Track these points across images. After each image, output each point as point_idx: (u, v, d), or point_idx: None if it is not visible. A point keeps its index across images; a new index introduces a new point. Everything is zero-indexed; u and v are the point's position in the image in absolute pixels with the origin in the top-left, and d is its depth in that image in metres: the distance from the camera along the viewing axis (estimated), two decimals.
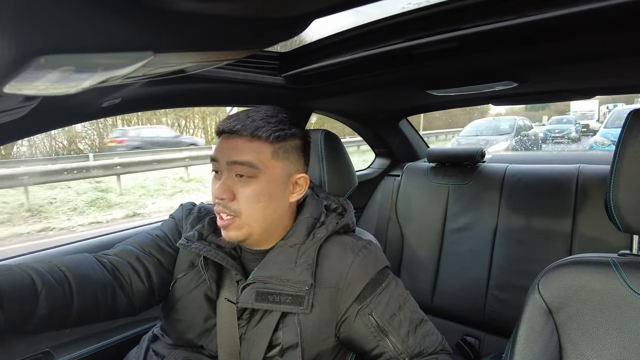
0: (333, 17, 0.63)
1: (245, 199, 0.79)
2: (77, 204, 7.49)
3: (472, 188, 1.65)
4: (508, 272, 1.48)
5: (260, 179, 0.79)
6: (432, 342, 0.84)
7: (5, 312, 0.61)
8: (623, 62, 0.97)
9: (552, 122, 17.14)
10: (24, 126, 0.76)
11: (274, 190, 0.81)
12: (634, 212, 0.67)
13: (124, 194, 8.18)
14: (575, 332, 0.69)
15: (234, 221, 0.80)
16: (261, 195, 0.79)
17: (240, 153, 0.78)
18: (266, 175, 0.79)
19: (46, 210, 7.07)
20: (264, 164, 0.79)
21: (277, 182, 0.82)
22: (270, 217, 0.82)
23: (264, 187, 0.79)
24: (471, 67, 1.08)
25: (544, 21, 0.68)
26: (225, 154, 0.80)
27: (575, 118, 16.42)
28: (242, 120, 0.80)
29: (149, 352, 0.88)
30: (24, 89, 0.39)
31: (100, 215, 7.00)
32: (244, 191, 0.79)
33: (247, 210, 0.79)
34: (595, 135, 9.87)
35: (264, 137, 0.78)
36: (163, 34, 0.37)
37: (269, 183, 0.80)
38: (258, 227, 0.81)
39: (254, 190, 0.79)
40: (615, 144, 0.69)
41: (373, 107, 1.78)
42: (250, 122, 0.79)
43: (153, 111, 6.15)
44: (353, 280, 0.81)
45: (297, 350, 0.78)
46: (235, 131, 0.79)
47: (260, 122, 0.79)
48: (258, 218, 0.80)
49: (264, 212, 0.81)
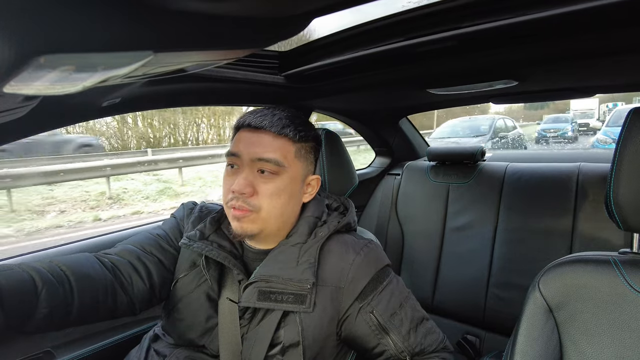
0: (333, 15, 0.63)
1: (267, 194, 0.79)
2: (149, 193, 8.09)
3: (473, 187, 1.65)
4: (508, 271, 1.48)
5: (283, 177, 0.80)
6: (433, 340, 0.84)
7: (5, 312, 0.61)
8: (623, 60, 0.97)
9: (547, 121, 16.59)
10: (23, 126, 0.76)
11: (294, 188, 0.83)
12: (634, 210, 0.67)
13: (185, 185, 8.78)
14: (576, 330, 0.69)
15: (250, 214, 0.79)
16: (283, 193, 0.81)
17: (267, 150, 0.79)
18: (289, 173, 0.81)
19: (124, 198, 7.72)
20: (289, 161, 0.81)
21: (297, 181, 0.83)
22: (286, 215, 0.84)
23: (286, 185, 0.81)
24: (471, 66, 1.08)
25: (544, 19, 0.68)
26: (250, 150, 0.79)
27: (572, 117, 15.97)
28: (267, 116, 0.80)
29: (150, 351, 0.88)
30: (24, 89, 0.39)
31: (174, 202, 7.52)
32: (267, 187, 0.79)
33: (268, 206, 0.80)
34: (596, 134, 9.74)
35: (291, 136, 0.80)
36: (163, 33, 0.37)
37: (291, 181, 0.82)
38: (273, 223, 0.82)
39: (277, 187, 0.80)
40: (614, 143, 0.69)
41: (373, 106, 1.77)
42: (278, 120, 0.80)
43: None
44: (354, 278, 0.81)
45: (299, 348, 0.79)
46: (262, 127, 0.80)
47: (287, 120, 0.81)
48: (276, 214, 0.81)
49: (283, 209, 0.82)
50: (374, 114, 1.87)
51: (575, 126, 15.76)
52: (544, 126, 16.12)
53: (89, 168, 7.43)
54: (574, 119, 15.88)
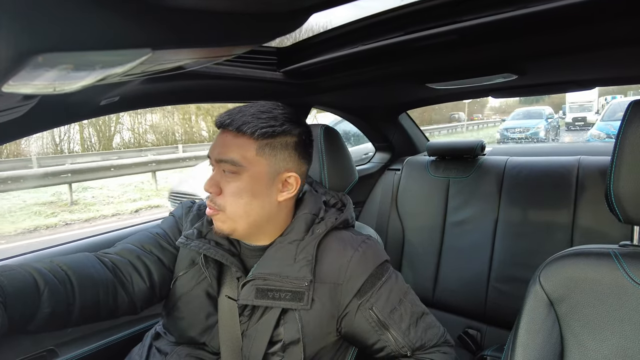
0: (331, 11, 0.63)
1: (229, 194, 0.79)
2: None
3: (473, 181, 1.65)
4: (509, 265, 1.48)
5: (243, 176, 0.79)
6: (434, 335, 0.84)
7: (8, 313, 0.61)
8: (623, 52, 0.97)
9: (515, 117, 14.22)
10: (22, 125, 0.76)
11: (258, 188, 0.80)
12: (634, 203, 0.67)
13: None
14: (577, 323, 0.69)
15: (219, 214, 0.80)
16: (243, 192, 0.79)
17: (226, 150, 0.79)
18: (249, 172, 0.79)
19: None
20: (248, 160, 0.78)
21: (261, 180, 0.80)
22: (256, 214, 0.81)
23: (246, 184, 0.79)
24: (470, 60, 1.07)
25: (543, 12, 0.68)
26: (214, 150, 0.80)
27: (545, 111, 13.72)
28: (233, 115, 0.79)
29: (152, 349, 0.89)
30: (23, 88, 0.39)
31: None
32: (229, 187, 0.79)
33: (230, 206, 0.79)
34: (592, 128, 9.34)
35: (249, 133, 0.77)
36: (161, 30, 0.37)
37: (252, 180, 0.79)
38: (242, 223, 0.81)
39: (237, 187, 0.79)
40: (610, 137, 0.69)
41: (372, 101, 1.77)
42: (239, 117, 0.78)
43: None
44: (353, 275, 0.81)
45: (299, 346, 0.79)
46: (225, 125, 0.79)
47: (250, 117, 0.78)
48: (241, 214, 0.80)
49: (247, 208, 0.80)
50: (374, 109, 1.86)
51: (556, 122, 13.61)
52: (508, 124, 13.76)
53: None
54: (551, 115, 13.80)
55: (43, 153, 13.54)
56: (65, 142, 14.14)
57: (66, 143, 14.19)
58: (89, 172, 7.66)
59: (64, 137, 13.99)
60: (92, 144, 14.80)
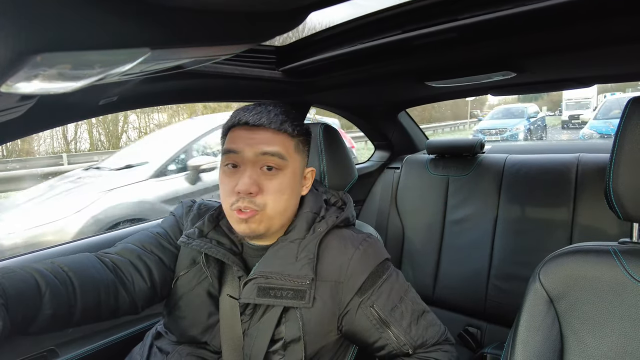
0: (330, 9, 0.63)
1: (272, 191, 0.79)
2: None
3: (472, 179, 1.66)
4: (509, 262, 1.48)
5: (286, 172, 0.81)
6: (435, 332, 0.84)
7: (10, 315, 0.61)
8: (622, 50, 0.97)
9: (494, 116, 12.85)
10: (21, 126, 0.76)
11: (295, 183, 0.84)
12: (633, 200, 0.67)
13: None
14: (577, 320, 0.69)
15: (257, 214, 0.78)
16: (286, 188, 0.81)
17: (271, 144, 0.79)
18: (291, 167, 0.82)
19: None
20: (290, 155, 0.81)
21: (297, 175, 0.84)
22: (289, 210, 0.84)
23: (289, 179, 0.81)
24: (469, 58, 1.07)
25: (542, 10, 0.68)
26: (252, 145, 0.78)
27: (529, 109, 12.40)
28: (264, 113, 0.80)
29: (153, 348, 0.89)
30: (21, 88, 0.39)
31: None
32: (272, 184, 0.79)
33: (273, 203, 0.79)
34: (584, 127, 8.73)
35: (290, 131, 0.81)
36: (160, 30, 0.37)
37: (292, 175, 0.82)
38: (279, 219, 0.82)
39: (281, 183, 0.80)
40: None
41: (371, 100, 1.77)
42: (275, 116, 0.80)
43: None
44: (354, 273, 0.81)
45: (300, 344, 0.79)
46: (261, 124, 0.79)
47: (283, 116, 0.81)
48: (281, 210, 0.81)
49: (286, 204, 0.82)
50: (373, 107, 1.86)
51: (541, 122, 12.45)
52: (484, 124, 12.49)
53: None
54: (535, 113, 12.56)
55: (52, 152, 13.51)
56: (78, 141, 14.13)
57: (77, 142, 14.19)
58: None
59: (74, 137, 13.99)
60: (102, 142, 14.81)
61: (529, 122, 11.74)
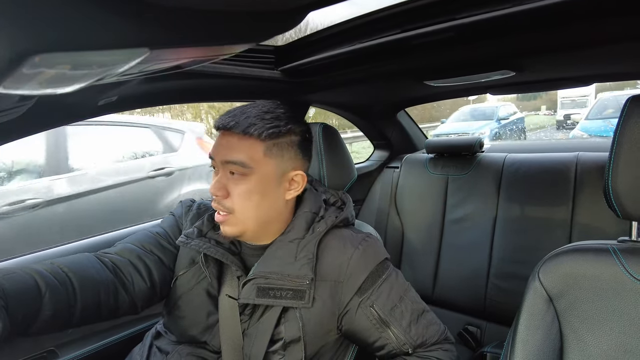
0: (328, 9, 0.63)
1: (237, 196, 0.79)
2: None
3: (471, 178, 1.66)
4: (508, 261, 1.49)
5: (252, 177, 0.78)
6: (435, 332, 0.84)
7: (10, 316, 0.61)
8: (620, 48, 0.97)
9: (460, 117, 10.89)
10: (20, 126, 0.76)
11: (267, 188, 0.81)
12: (632, 199, 0.67)
13: None
14: (576, 319, 0.69)
15: (229, 218, 0.80)
16: (253, 193, 0.79)
17: (233, 151, 0.78)
18: (258, 173, 0.79)
19: None
20: (256, 161, 0.78)
21: (270, 180, 0.81)
22: (265, 214, 0.82)
23: (256, 185, 0.79)
24: (468, 57, 1.07)
25: (541, 9, 0.68)
26: (219, 152, 0.80)
27: (500, 110, 10.56)
28: (237, 116, 0.79)
29: (153, 348, 0.89)
30: (20, 89, 0.39)
31: None
32: (237, 189, 0.79)
33: (240, 208, 0.79)
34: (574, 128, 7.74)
35: (256, 135, 0.77)
36: (158, 30, 0.37)
37: (261, 181, 0.79)
38: (252, 224, 0.81)
39: (246, 188, 0.79)
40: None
41: (370, 99, 1.77)
42: (244, 119, 0.78)
43: None
44: (353, 273, 0.81)
45: (300, 344, 0.79)
46: (229, 128, 0.78)
47: (254, 118, 0.78)
48: (251, 215, 0.80)
49: (257, 209, 0.80)
50: (372, 107, 1.86)
51: (518, 124, 10.90)
52: (443, 128, 10.62)
53: None
54: (509, 115, 10.82)
55: None
56: None
57: None
58: None
59: None
60: None
61: (499, 124, 10.09)
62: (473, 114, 10.80)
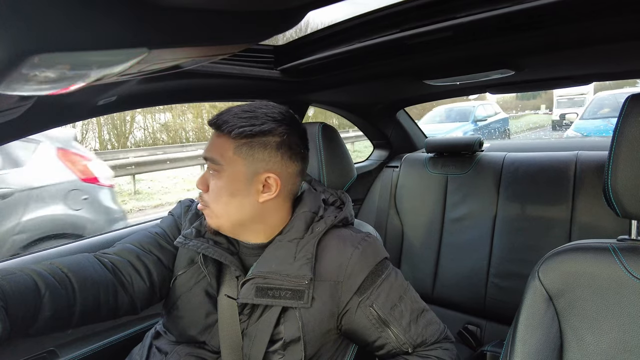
0: (327, 8, 0.63)
1: (211, 192, 0.82)
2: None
3: (471, 177, 1.66)
4: (508, 260, 1.49)
5: (221, 175, 0.80)
6: (434, 331, 0.84)
7: (10, 317, 0.61)
8: (620, 47, 0.97)
9: (436, 119, 9.91)
10: (19, 126, 0.76)
11: (236, 188, 0.80)
12: (632, 197, 0.67)
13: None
14: (576, 318, 0.69)
15: (206, 210, 0.84)
16: (223, 190, 0.81)
17: (210, 148, 0.81)
18: (227, 171, 0.80)
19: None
20: (226, 159, 0.79)
21: (239, 180, 0.80)
22: (235, 214, 0.82)
23: (225, 183, 0.80)
24: (467, 56, 1.07)
25: (540, 8, 0.68)
26: (205, 148, 0.83)
27: (477, 110, 9.60)
28: (222, 115, 0.81)
29: (152, 348, 0.89)
30: (19, 89, 0.39)
31: None
32: (212, 185, 0.82)
33: (213, 203, 0.82)
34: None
35: (226, 132, 0.79)
36: (158, 29, 0.37)
37: (230, 179, 0.80)
38: (224, 221, 0.83)
39: (217, 185, 0.81)
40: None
41: (370, 99, 1.77)
42: (222, 117, 0.80)
43: None
44: (353, 272, 0.81)
45: (300, 344, 0.79)
46: (211, 125, 0.82)
47: (231, 116, 0.79)
48: (222, 212, 0.82)
49: (227, 207, 0.81)
50: (371, 106, 1.86)
51: (495, 127, 9.90)
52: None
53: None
54: (487, 116, 9.85)
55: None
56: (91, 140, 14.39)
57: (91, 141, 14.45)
58: (149, 165, 8.10)
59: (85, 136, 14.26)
60: (112, 142, 15.09)
61: (476, 126, 9.20)
62: (449, 114, 10.02)
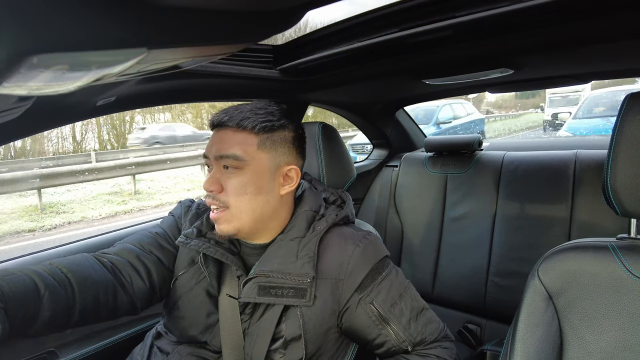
0: (327, 8, 0.63)
1: (232, 190, 0.80)
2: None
3: (470, 176, 1.66)
4: (508, 259, 1.49)
5: (245, 170, 0.79)
6: (434, 329, 0.85)
7: (9, 318, 0.61)
8: (619, 46, 0.97)
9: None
10: (19, 127, 0.75)
11: (261, 182, 0.81)
12: (631, 196, 0.67)
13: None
14: (575, 316, 0.69)
15: (224, 214, 0.80)
16: (248, 186, 0.80)
17: (227, 145, 0.79)
18: (252, 166, 0.80)
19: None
20: (250, 155, 0.79)
21: (264, 173, 0.81)
22: (260, 209, 0.82)
23: (250, 178, 0.80)
24: (466, 55, 1.07)
25: (539, 6, 0.68)
26: (212, 148, 0.81)
27: (437, 113, 8.64)
28: (230, 112, 0.81)
29: (153, 349, 0.89)
30: (18, 90, 0.39)
31: None
32: (231, 182, 0.80)
33: (235, 202, 0.80)
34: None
35: (250, 128, 0.79)
36: (156, 29, 0.37)
37: (255, 174, 0.80)
38: (248, 219, 0.81)
39: (240, 182, 0.79)
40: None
41: (369, 98, 1.77)
42: (238, 114, 0.80)
43: None
44: (354, 270, 0.82)
45: (300, 342, 0.79)
46: (223, 123, 0.80)
47: (248, 113, 0.80)
48: (247, 209, 0.81)
49: (252, 203, 0.81)
50: (370, 106, 1.86)
51: (469, 127, 9.30)
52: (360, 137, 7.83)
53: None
54: (452, 118, 9.11)
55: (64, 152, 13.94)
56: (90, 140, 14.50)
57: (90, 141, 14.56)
58: (149, 165, 8.20)
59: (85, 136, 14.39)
60: (111, 142, 15.17)
61: (438, 129, 8.52)
62: (415, 116, 8.68)
